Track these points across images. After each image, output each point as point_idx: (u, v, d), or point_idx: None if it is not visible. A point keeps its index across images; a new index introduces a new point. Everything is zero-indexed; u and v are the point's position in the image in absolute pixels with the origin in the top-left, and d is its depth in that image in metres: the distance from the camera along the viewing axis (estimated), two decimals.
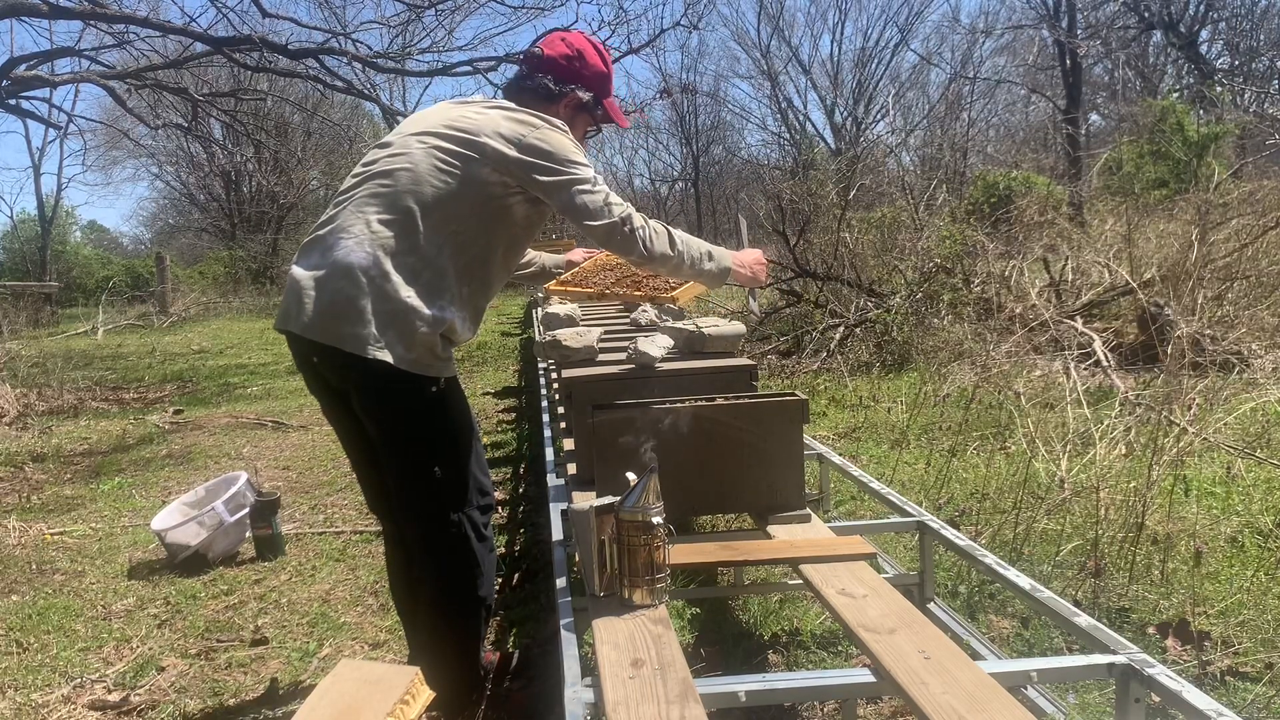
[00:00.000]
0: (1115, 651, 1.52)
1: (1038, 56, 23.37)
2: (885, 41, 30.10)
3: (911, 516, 2.32)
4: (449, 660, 2.13)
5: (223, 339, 14.10)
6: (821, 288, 7.98)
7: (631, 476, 1.71)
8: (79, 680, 2.71)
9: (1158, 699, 1.45)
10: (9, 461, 5.89)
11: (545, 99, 2.19)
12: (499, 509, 4.01)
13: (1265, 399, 4.29)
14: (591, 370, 2.60)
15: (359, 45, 9.87)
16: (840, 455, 3.13)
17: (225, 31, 9.60)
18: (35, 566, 3.79)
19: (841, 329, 7.47)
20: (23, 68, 9.26)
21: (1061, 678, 1.71)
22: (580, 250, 2.90)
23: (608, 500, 1.74)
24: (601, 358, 2.77)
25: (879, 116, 29.31)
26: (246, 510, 3.71)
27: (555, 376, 3.29)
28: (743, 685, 1.49)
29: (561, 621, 1.78)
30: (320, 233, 2.04)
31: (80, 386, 8.82)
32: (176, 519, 3.71)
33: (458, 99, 2.22)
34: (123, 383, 9.65)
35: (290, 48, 9.40)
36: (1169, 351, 4.77)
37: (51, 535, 4.21)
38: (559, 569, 2.04)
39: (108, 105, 18.28)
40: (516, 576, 3.29)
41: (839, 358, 7.02)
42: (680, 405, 2.16)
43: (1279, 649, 2.29)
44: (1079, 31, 19.13)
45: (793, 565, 1.97)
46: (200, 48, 9.79)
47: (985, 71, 26.67)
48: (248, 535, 3.75)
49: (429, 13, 9.98)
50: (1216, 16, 22.71)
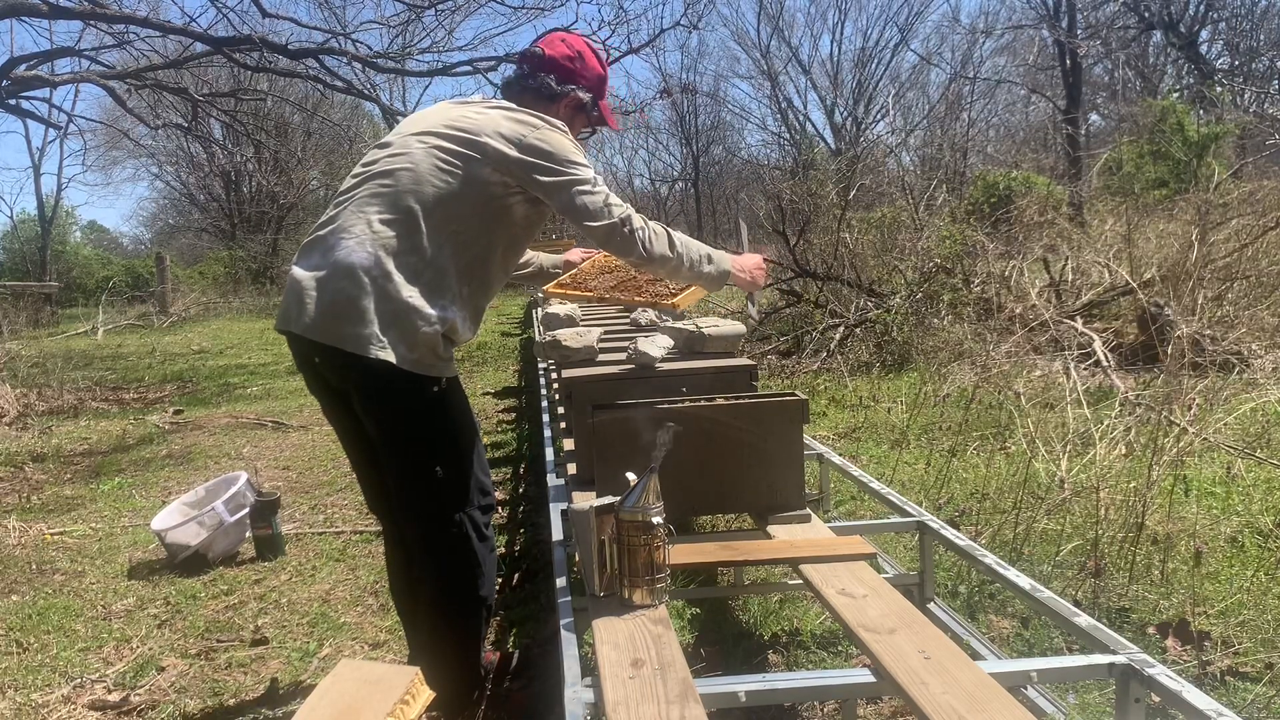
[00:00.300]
0: (1115, 651, 1.52)
1: (1038, 56, 23.37)
2: (885, 41, 30.11)
3: (911, 516, 2.32)
4: (449, 660, 2.13)
5: (223, 339, 14.09)
6: (821, 288, 7.98)
7: (631, 476, 1.71)
8: (79, 680, 2.71)
9: (1158, 699, 1.45)
10: (9, 461, 5.89)
11: (546, 98, 2.20)
12: (499, 509, 4.01)
13: (1265, 399, 4.29)
14: (591, 370, 2.60)
15: (359, 45, 9.90)
16: (840, 455, 3.13)
17: (225, 31, 9.63)
18: (35, 566, 3.79)
19: (841, 329, 7.47)
20: (23, 68, 9.26)
21: (1061, 678, 1.71)
22: (578, 250, 2.90)
23: (608, 500, 1.74)
24: (601, 358, 2.78)
25: (879, 116, 29.34)
26: (246, 510, 3.71)
27: (555, 376, 3.29)
28: (743, 685, 1.49)
29: (561, 621, 1.78)
30: (321, 233, 2.04)
31: (80, 386, 8.82)
32: (176, 519, 3.71)
33: (457, 99, 2.23)
34: (123, 383, 9.65)
35: (290, 48, 9.41)
36: (1169, 351, 4.77)
37: (51, 535, 4.21)
38: (559, 569, 2.04)
39: (108, 105, 18.29)
40: (516, 576, 3.29)
41: (839, 358, 7.02)
42: (680, 405, 2.16)
43: (1279, 649, 2.29)
44: (1079, 31, 19.12)
45: (793, 565, 1.97)
46: (200, 48, 9.80)
47: (985, 71, 26.69)
48: (248, 535, 3.75)
49: (429, 13, 10.00)
50: (1216, 16, 22.73)
